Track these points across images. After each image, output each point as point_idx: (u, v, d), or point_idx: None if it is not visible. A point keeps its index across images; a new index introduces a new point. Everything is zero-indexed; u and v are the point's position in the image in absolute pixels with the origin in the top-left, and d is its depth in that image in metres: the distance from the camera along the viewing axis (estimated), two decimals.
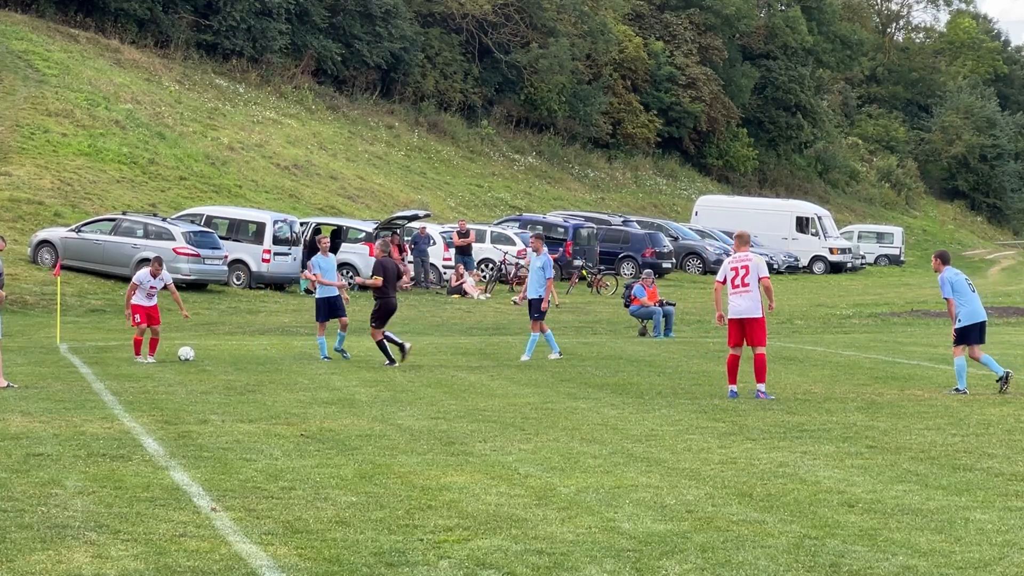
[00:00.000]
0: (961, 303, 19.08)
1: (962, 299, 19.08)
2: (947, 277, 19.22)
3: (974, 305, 19.15)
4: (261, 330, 29.80)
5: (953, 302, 19.08)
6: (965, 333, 19.14)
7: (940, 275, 19.41)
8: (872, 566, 8.92)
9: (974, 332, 19.16)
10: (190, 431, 14.33)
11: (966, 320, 19.07)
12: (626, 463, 12.77)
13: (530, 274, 23.92)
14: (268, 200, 49.00)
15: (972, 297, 19.16)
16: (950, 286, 19.10)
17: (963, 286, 19.18)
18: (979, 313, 19.17)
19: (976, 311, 19.14)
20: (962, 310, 19.08)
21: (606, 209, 67.64)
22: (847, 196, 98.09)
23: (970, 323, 19.09)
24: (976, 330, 19.16)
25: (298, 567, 8.73)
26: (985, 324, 19.35)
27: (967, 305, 19.08)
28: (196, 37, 62.47)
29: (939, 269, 19.45)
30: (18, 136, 44.58)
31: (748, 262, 17.83)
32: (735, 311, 17.79)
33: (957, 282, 19.17)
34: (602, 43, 77.36)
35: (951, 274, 19.27)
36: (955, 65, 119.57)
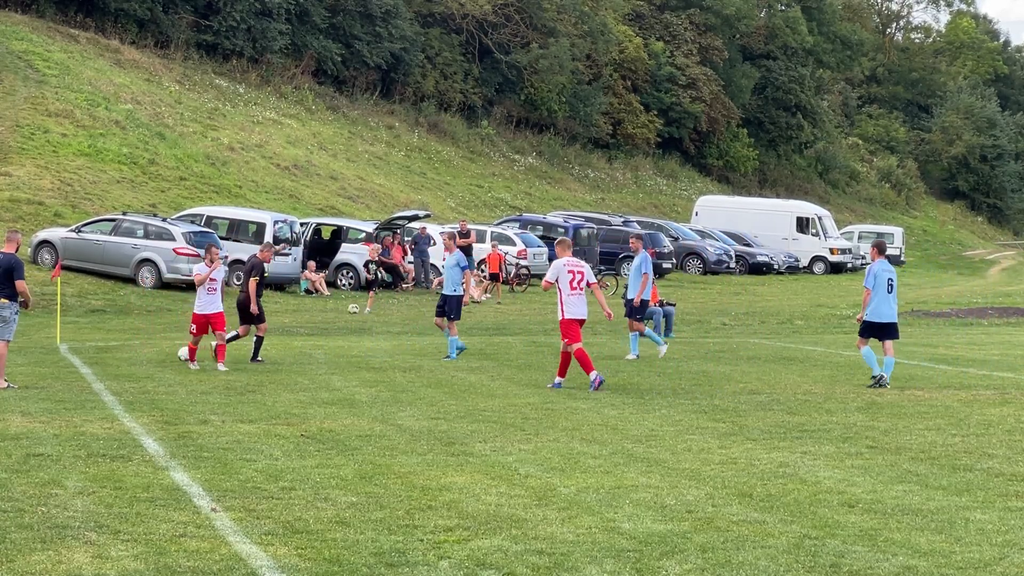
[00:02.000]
0: (872, 299, 19.42)
1: (876, 296, 19.44)
2: (874, 268, 19.61)
3: (883, 306, 19.45)
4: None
5: (869, 293, 19.47)
6: (866, 328, 19.61)
7: (873, 264, 19.79)
8: (872, 566, 8.92)
9: (875, 330, 19.57)
10: (190, 431, 14.33)
11: (870, 316, 19.52)
12: (626, 463, 12.77)
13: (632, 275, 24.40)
14: (268, 200, 49.00)
15: (885, 297, 19.46)
16: (873, 277, 19.49)
17: (882, 284, 19.45)
18: (883, 314, 19.49)
19: (880, 312, 19.45)
20: (870, 306, 19.47)
21: (606, 209, 67.64)
22: (847, 196, 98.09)
23: (872, 320, 19.50)
24: (876, 328, 19.55)
25: (298, 567, 8.73)
26: (889, 327, 19.62)
27: (877, 303, 19.43)
28: (196, 37, 62.47)
29: (873, 258, 19.86)
30: (18, 136, 44.58)
31: (583, 268, 19.09)
32: (578, 312, 19.02)
33: (880, 278, 19.49)
34: (602, 43, 77.37)
35: (879, 267, 19.61)
36: (955, 65, 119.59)
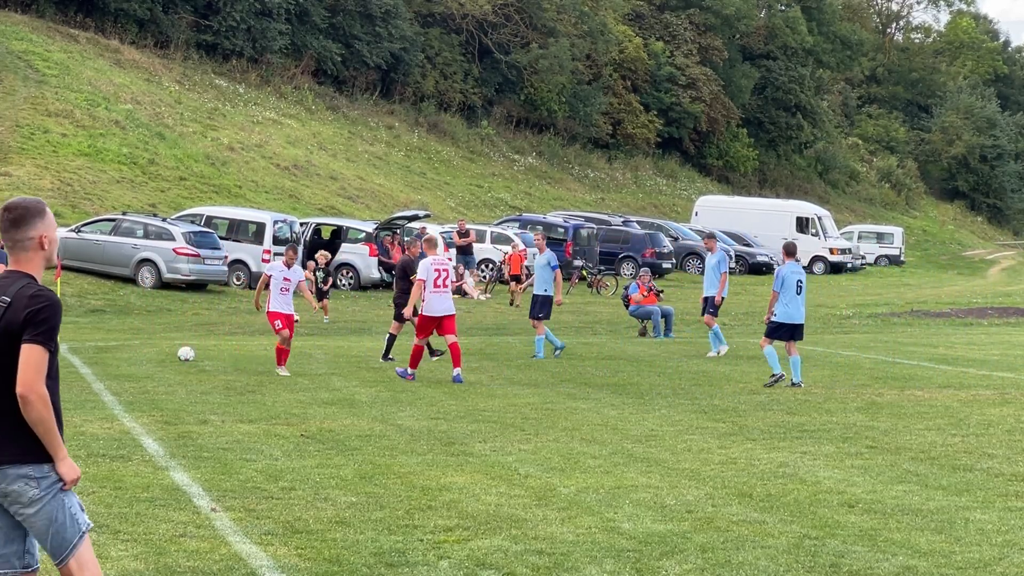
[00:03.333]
0: (782, 301, 19.45)
1: (785, 297, 19.45)
2: (782, 271, 19.68)
3: (791, 308, 19.47)
4: (261, 330, 29.78)
5: (776, 295, 19.52)
6: (775, 329, 19.61)
7: (779, 267, 19.91)
8: (872, 566, 8.92)
9: (784, 331, 19.57)
10: (190, 431, 14.33)
11: (780, 318, 19.51)
12: (626, 463, 12.77)
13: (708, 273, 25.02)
14: (268, 200, 49.00)
15: (794, 299, 19.51)
16: (781, 280, 19.54)
17: (791, 286, 19.48)
18: (792, 316, 19.51)
19: (789, 313, 19.47)
20: (779, 307, 19.48)
21: (606, 209, 67.63)
22: (847, 196, 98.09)
23: (782, 322, 19.51)
24: (787, 329, 19.56)
25: (298, 567, 8.72)
26: (797, 328, 19.60)
27: (786, 305, 19.44)
28: (196, 37, 62.47)
29: (783, 261, 20.00)
30: (18, 136, 44.59)
31: (447, 266, 20.02)
32: (437, 310, 19.69)
33: (788, 280, 19.50)
34: (602, 43, 77.37)
35: (787, 270, 19.67)
36: (955, 65, 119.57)
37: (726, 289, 24.89)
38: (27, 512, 5.98)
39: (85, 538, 6.07)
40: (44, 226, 6.10)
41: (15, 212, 6.08)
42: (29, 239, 6.07)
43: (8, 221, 6.07)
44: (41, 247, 6.09)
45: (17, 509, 6.00)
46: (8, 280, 6.04)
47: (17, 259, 6.09)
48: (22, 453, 5.95)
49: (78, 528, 6.05)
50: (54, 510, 5.99)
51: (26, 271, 6.07)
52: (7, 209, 6.10)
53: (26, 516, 5.99)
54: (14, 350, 5.89)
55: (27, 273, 6.06)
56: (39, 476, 5.97)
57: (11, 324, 5.90)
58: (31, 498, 5.96)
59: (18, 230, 6.06)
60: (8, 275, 6.08)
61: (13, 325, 5.90)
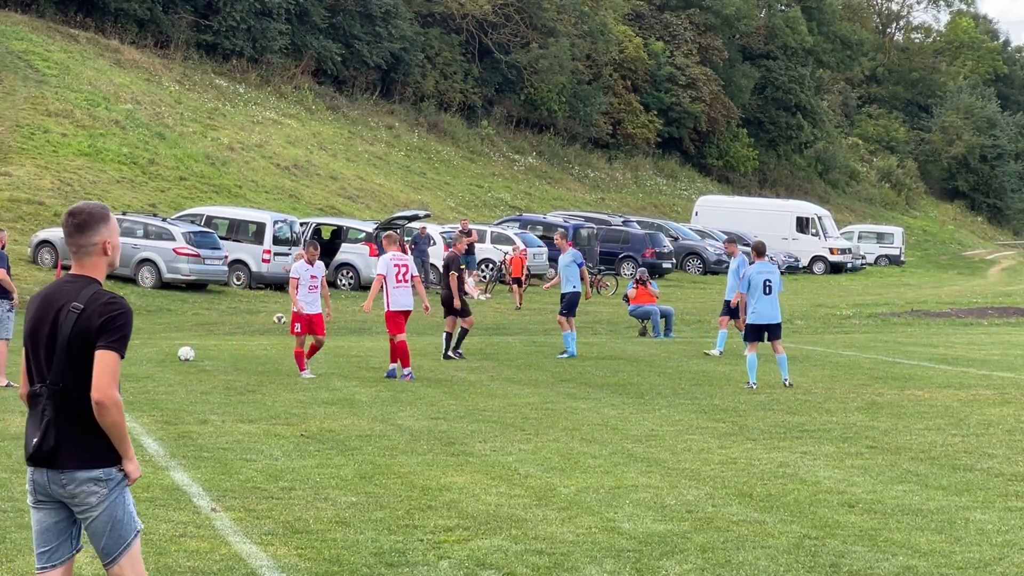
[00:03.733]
0: (751, 302, 19.31)
1: (753, 298, 19.29)
2: (748, 272, 19.56)
3: (761, 307, 19.25)
4: (261, 330, 29.80)
5: (744, 296, 19.41)
6: (750, 332, 19.46)
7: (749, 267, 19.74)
8: (872, 566, 8.92)
9: (759, 332, 19.35)
10: (190, 431, 14.33)
11: (751, 319, 19.37)
12: (626, 463, 12.77)
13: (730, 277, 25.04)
14: (268, 200, 49.00)
15: (763, 298, 19.28)
16: (747, 281, 19.41)
17: (758, 286, 19.30)
18: (763, 316, 19.24)
19: (760, 313, 19.26)
20: (750, 308, 19.35)
21: (606, 209, 67.63)
22: (847, 196, 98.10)
23: (753, 323, 19.33)
24: (759, 330, 19.34)
25: (298, 567, 8.72)
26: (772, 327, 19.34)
27: (755, 304, 19.28)
28: (196, 37, 62.48)
29: (752, 260, 19.85)
30: (18, 136, 44.59)
31: (408, 262, 20.43)
32: (401, 304, 20.16)
33: (755, 280, 19.32)
34: (602, 43, 77.38)
35: (754, 270, 19.50)
36: (955, 65, 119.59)
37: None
38: (92, 514, 6.05)
39: (138, 539, 6.15)
40: (108, 232, 6.15)
41: (79, 218, 6.11)
42: (93, 244, 6.12)
43: (72, 226, 6.10)
44: (104, 252, 6.14)
45: (82, 511, 6.06)
46: (77, 285, 6.08)
47: (82, 264, 6.14)
48: (92, 458, 6.02)
49: (134, 526, 6.13)
50: (116, 508, 6.07)
51: (91, 276, 6.12)
52: (72, 215, 6.13)
53: (89, 517, 6.06)
54: (87, 356, 5.95)
55: (94, 278, 6.11)
56: (106, 479, 6.05)
57: (85, 330, 5.95)
58: (98, 500, 6.04)
59: (83, 235, 6.10)
60: (75, 280, 6.11)
61: (88, 331, 5.95)
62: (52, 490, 6.08)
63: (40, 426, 6.00)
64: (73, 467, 6.00)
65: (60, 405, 5.98)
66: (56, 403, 5.98)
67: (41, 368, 6.05)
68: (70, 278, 6.13)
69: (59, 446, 5.98)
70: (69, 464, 6.00)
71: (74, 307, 5.97)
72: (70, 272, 6.18)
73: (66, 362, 5.97)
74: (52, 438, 5.98)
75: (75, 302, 5.99)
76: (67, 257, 35.07)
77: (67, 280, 6.13)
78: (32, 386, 6.09)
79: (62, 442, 5.98)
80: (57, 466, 6.01)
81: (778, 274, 19.81)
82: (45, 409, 6.00)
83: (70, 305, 5.98)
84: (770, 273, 19.52)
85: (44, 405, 6.00)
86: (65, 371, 5.97)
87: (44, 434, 5.99)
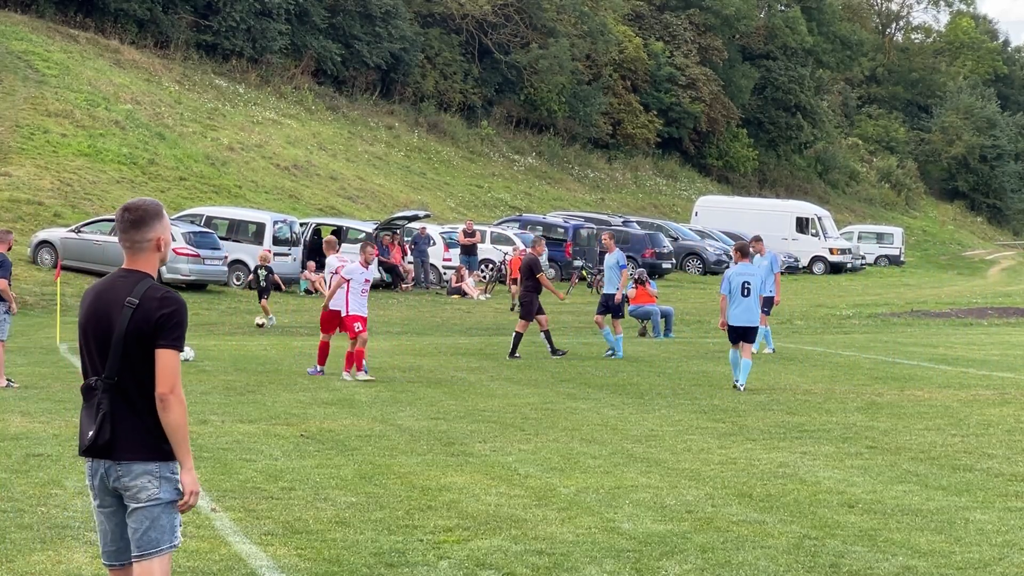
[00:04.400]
0: (729, 303, 19.23)
1: (732, 299, 19.20)
2: (728, 273, 19.49)
3: (738, 310, 19.14)
4: (261, 330, 29.79)
5: (725, 298, 19.32)
6: (731, 332, 19.34)
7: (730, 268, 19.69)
8: (872, 566, 8.92)
9: (733, 333, 19.24)
10: (190, 431, 14.30)
11: (730, 320, 19.26)
12: (626, 463, 12.77)
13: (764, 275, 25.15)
14: (268, 200, 49.00)
15: (741, 301, 19.18)
16: (727, 282, 19.29)
17: (737, 288, 19.21)
18: (738, 318, 19.12)
19: (735, 315, 19.15)
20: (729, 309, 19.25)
21: (606, 209, 67.63)
22: (847, 196, 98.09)
23: (732, 324, 19.22)
24: (734, 332, 19.20)
25: (298, 567, 8.72)
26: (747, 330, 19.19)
27: (734, 307, 19.18)
28: (196, 37, 62.48)
29: (735, 261, 19.79)
30: (18, 136, 44.59)
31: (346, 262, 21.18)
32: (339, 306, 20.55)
33: (734, 282, 19.22)
34: (602, 43, 77.38)
35: (734, 271, 19.43)
36: (955, 65, 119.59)
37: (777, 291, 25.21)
38: (138, 505, 6.08)
39: (170, 552, 6.17)
40: (161, 228, 6.21)
41: (136, 213, 6.16)
42: (148, 240, 6.17)
43: (128, 222, 6.15)
44: (157, 248, 6.19)
45: (132, 501, 6.09)
46: (131, 280, 6.12)
47: (135, 259, 6.17)
48: (149, 450, 6.07)
49: (174, 537, 6.16)
50: (161, 513, 6.10)
51: (144, 271, 6.17)
52: (127, 210, 6.18)
53: (134, 508, 6.08)
54: (144, 350, 6.02)
55: (147, 273, 6.16)
56: (160, 475, 6.09)
57: (142, 324, 6.01)
58: (149, 495, 6.06)
59: (138, 231, 6.15)
60: (128, 274, 6.15)
61: (144, 325, 6.00)
62: (108, 481, 6.11)
63: (96, 419, 6.05)
64: (130, 458, 6.05)
65: (116, 398, 6.04)
66: (112, 396, 6.04)
67: (95, 362, 6.11)
68: (123, 273, 6.18)
69: (116, 438, 6.04)
70: (126, 455, 6.05)
71: (129, 302, 6.03)
72: (123, 267, 6.21)
73: (122, 356, 6.03)
74: (108, 431, 6.03)
75: (131, 297, 6.04)
76: (67, 257, 35.10)
77: (120, 275, 6.18)
78: (87, 379, 6.15)
79: (119, 434, 6.04)
80: (114, 457, 6.06)
81: (758, 278, 19.53)
82: (101, 402, 6.05)
83: (126, 300, 6.04)
84: (749, 275, 19.30)
85: (100, 398, 6.05)
86: (121, 365, 6.03)
87: (100, 427, 6.04)
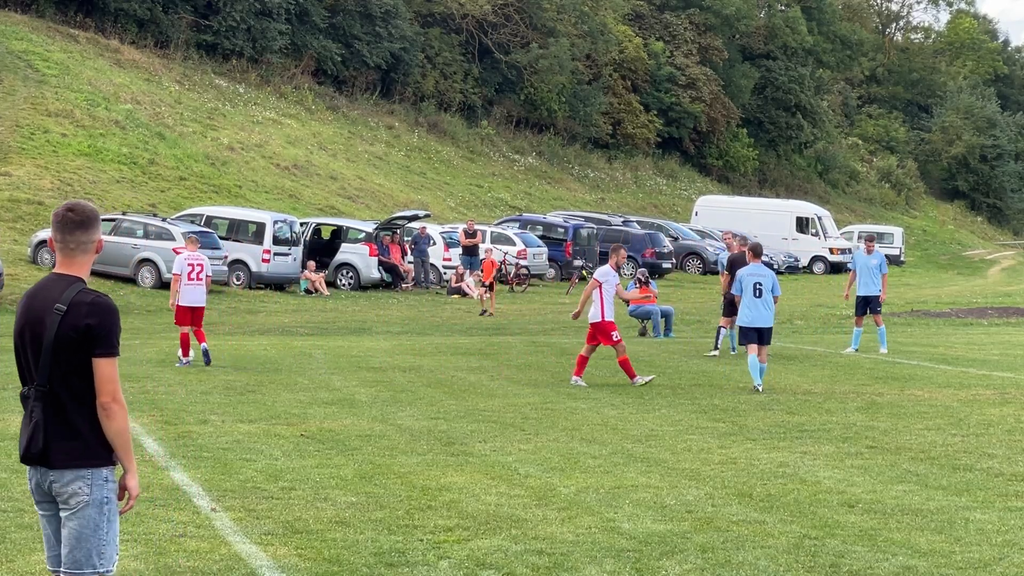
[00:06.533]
0: (743, 304, 19.28)
1: (744, 300, 19.25)
2: (740, 274, 19.51)
3: (753, 311, 19.18)
4: (261, 330, 29.79)
5: (739, 298, 19.41)
6: (742, 335, 19.45)
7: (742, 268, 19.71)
8: (872, 566, 8.92)
9: (749, 335, 19.28)
10: (190, 431, 14.33)
11: (740, 321, 19.35)
12: (626, 463, 12.77)
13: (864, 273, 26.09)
14: (268, 200, 49.00)
15: (754, 302, 19.21)
16: (739, 283, 19.37)
17: (748, 288, 19.26)
18: (753, 319, 19.16)
19: (752, 316, 19.19)
20: (741, 311, 19.32)
21: (606, 209, 67.63)
22: (847, 196, 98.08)
23: (742, 325, 19.30)
24: (751, 333, 19.24)
25: (298, 567, 8.72)
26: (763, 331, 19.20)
27: (747, 308, 19.23)
28: (196, 37, 62.47)
29: (749, 260, 19.85)
30: (18, 136, 44.58)
31: (202, 261, 22.18)
32: (188, 300, 21.70)
33: (745, 283, 19.26)
34: (602, 43, 77.37)
35: (745, 272, 19.45)
36: (955, 65, 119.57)
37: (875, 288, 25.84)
38: (69, 512, 6.01)
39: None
40: (99, 231, 6.17)
41: (82, 214, 6.09)
42: (92, 242, 6.11)
43: (74, 223, 6.06)
44: (96, 251, 6.15)
45: (65, 512, 6.03)
46: (62, 284, 6.03)
47: (71, 261, 6.08)
48: (80, 457, 6.00)
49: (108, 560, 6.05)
50: (93, 522, 6.02)
51: (77, 274, 6.07)
52: (72, 211, 6.08)
53: (66, 516, 6.02)
54: (74, 357, 5.93)
55: (78, 277, 6.07)
56: (93, 482, 6.02)
57: (70, 332, 5.92)
58: (79, 502, 6.00)
59: (84, 232, 6.08)
60: (60, 278, 6.06)
61: (72, 332, 5.91)
62: (45, 487, 6.06)
63: (30, 427, 5.99)
64: (62, 466, 5.98)
65: (48, 406, 5.97)
66: (44, 404, 5.97)
67: (30, 369, 6.04)
68: (55, 277, 6.08)
69: (48, 446, 5.97)
70: (58, 463, 5.98)
71: (58, 308, 5.93)
72: (56, 270, 6.12)
73: (52, 364, 5.94)
74: (40, 439, 5.96)
75: (59, 303, 5.94)
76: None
77: (52, 279, 6.07)
78: (24, 386, 6.08)
79: (51, 442, 5.96)
80: (48, 464, 6.00)
81: (771, 279, 19.44)
82: (34, 410, 5.98)
83: (54, 307, 5.94)
84: (761, 276, 19.31)
85: (32, 407, 5.99)
86: (52, 373, 5.95)
87: (32, 435, 5.97)
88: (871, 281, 25.78)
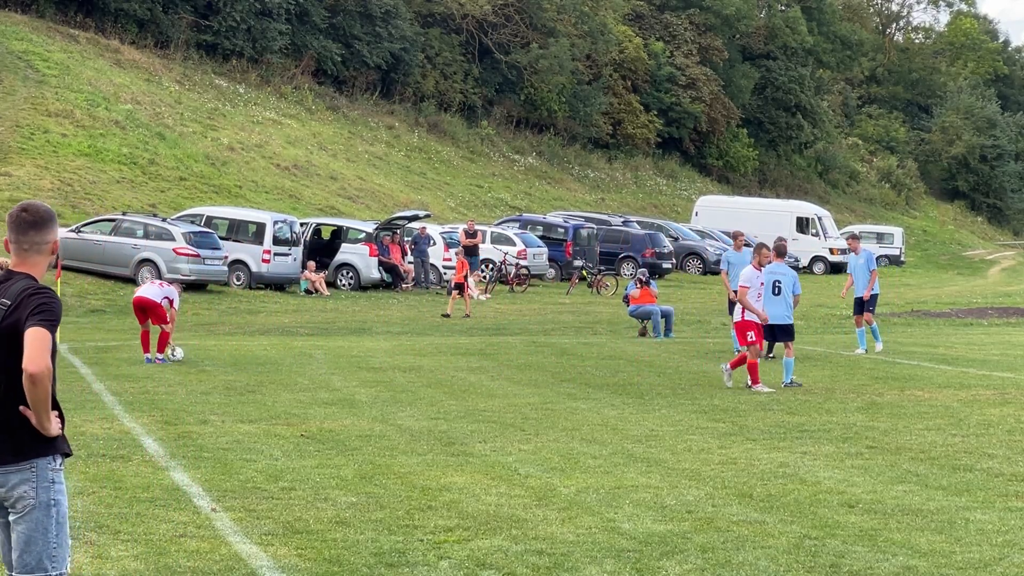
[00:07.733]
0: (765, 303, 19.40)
1: (763, 298, 19.36)
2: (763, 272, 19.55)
3: (771, 308, 19.38)
4: (261, 330, 29.79)
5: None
6: (766, 331, 19.59)
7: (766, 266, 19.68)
8: (872, 566, 8.92)
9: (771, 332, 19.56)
10: (190, 431, 14.33)
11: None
12: (626, 463, 12.77)
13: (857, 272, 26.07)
14: (268, 200, 48.99)
15: (772, 299, 19.44)
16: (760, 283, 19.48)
17: (768, 287, 19.45)
18: (773, 316, 19.36)
19: (770, 314, 19.34)
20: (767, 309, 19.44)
21: (606, 209, 67.63)
22: (847, 196, 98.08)
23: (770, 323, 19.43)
24: (770, 330, 19.54)
25: (298, 567, 8.72)
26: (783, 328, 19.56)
27: (767, 306, 19.36)
28: (196, 37, 62.47)
29: (771, 260, 19.87)
30: (18, 136, 44.58)
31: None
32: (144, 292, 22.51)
33: (766, 281, 19.44)
34: (602, 43, 77.37)
35: (768, 270, 19.55)
36: (955, 66, 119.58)
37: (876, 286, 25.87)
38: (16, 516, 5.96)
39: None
40: (56, 231, 6.14)
41: (36, 215, 6.07)
42: (46, 243, 6.09)
43: (27, 223, 6.04)
44: (52, 252, 6.11)
45: (13, 516, 5.98)
46: (10, 282, 6.01)
47: (25, 261, 6.06)
48: (19, 451, 5.93)
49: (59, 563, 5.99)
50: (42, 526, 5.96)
51: (30, 273, 6.05)
52: (27, 211, 6.07)
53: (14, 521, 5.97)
54: (15, 350, 5.86)
55: (30, 275, 6.04)
56: (37, 484, 5.95)
57: (13, 323, 5.88)
58: (26, 505, 5.95)
59: (38, 232, 6.06)
60: (9, 275, 6.04)
61: (16, 323, 5.88)
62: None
63: None
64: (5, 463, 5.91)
65: None
66: None
67: None
68: (6, 274, 6.05)
69: None
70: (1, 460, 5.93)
71: (2, 303, 5.91)
72: (8, 268, 6.09)
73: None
74: None
75: (3, 299, 5.92)
76: (67, 257, 35.07)
77: (3, 277, 6.05)
78: None
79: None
80: None
81: (790, 277, 19.77)
82: None
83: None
84: (780, 274, 19.68)
85: None
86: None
87: None
88: (863, 280, 25.83)
